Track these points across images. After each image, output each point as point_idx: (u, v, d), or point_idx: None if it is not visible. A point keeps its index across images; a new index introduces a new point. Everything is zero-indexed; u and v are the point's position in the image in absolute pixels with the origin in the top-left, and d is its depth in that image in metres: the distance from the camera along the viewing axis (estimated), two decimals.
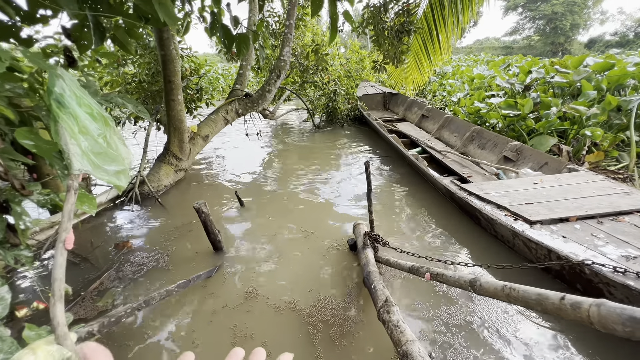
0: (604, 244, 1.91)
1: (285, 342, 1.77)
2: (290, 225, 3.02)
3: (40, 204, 1.28)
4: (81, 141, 1.17)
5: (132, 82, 5.25)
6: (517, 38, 37.47)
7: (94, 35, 1.41)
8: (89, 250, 2.79)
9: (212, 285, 2.27)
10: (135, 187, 3.72)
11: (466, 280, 1.36)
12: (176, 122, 4.06)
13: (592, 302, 0.78)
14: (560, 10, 30.78)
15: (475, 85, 7.37)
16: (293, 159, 5.24)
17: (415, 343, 1.31)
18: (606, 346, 1.60)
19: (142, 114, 1.71)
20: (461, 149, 4.56)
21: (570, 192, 2.53)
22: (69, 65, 1.87)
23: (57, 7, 1.54)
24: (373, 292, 1.75)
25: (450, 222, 2.87)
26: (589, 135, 3.61)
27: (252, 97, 4.99)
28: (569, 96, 4.80)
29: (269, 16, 6.20)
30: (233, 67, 14.56)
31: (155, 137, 5.47)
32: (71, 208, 1.08)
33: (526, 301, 0.98)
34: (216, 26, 2.01)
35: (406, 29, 4.26)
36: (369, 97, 8.21)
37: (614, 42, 30.93)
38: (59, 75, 1.12)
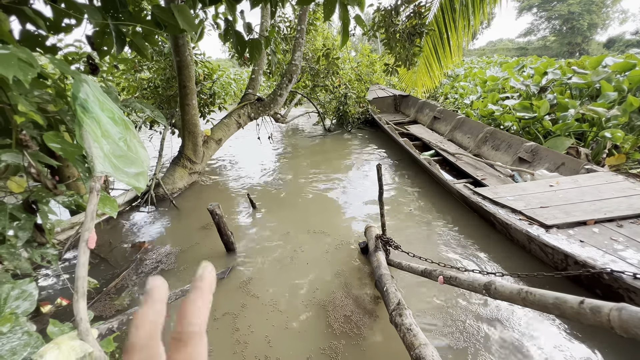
0: (624, 248, 1.85)
1: (298, 342, 1.78)
2: (301, 227, 3.04)
3: (65, 205, 1.34)
4: (103, 144, 1.22)
5: (147, 87, 5.40)
6: (531, 39, 36.69)
7: (116, 43, 1.47)
8: (107, 250, 2.88)
9: (226, 285, 2.30)
10: (151, 189, 3.82)
11: (481, 283, 1.34)
12: (190, 126, 4.15)
13: (612, 306, 0.76)
14: (577, 9, 30.01)
15: (488, 87, 7.26)
16: (304, 162, 5.27)
17: (428, 347, 1.30)
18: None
19: (159, 119, 1.76)
20: (474, 151, 4.50)
21: (588, 194, 2.46)
22: (91, 72, 1.95)
23: (80, 16, 1.61)
24: (385, 295, 1.75)
25: (465, 226, 2.83)
26: (609, 137, 3.50)
27: (264, 101, 5.06)
28: (587, 97, 4.67)
29: (281, 21, 6.29)
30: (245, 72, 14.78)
31: (170, 141, 5.60)
32: (94, 209, 1.13)
33: (544, 305, 0.96)
34: (230, 32, 2.06)
35: (418, 32, 4.25)
36: (380, 100, 8.19)
37: (634, 42, 29.92)
38: (83, 81, 1.18)
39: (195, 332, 0.21)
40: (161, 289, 0.23)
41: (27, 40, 1.63)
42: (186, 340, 0.21)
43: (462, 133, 5.10)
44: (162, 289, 0.23)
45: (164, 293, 0.23)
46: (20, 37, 1.57)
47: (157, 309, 0.22)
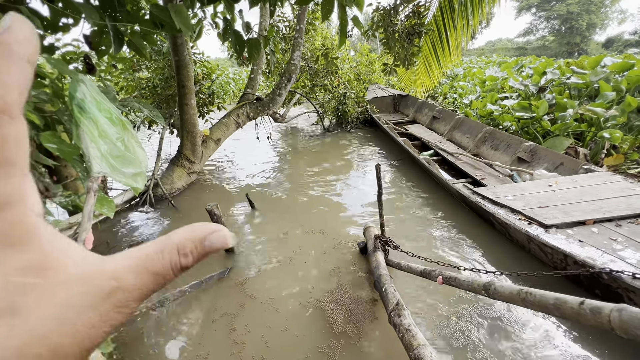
0: (623, 248, 1.85)
1: (296, 342, 1.78)
2: (300, 227, 3.03)
3: (62, 205, 1.33)
4: (101, 145, 1.21)
5: (146, 87, 5.38)
6: (530, 39, 36.75)
7: (114, 43, 1.46)
8: (105, 250, 2.87)
9: (224, 286, 2.29)
10: (149, 189, 3.80)
11: (480, 284, 1.34)
12: (189, 125, 4.14)
13: (612, 307, 0.76)
14: (576, 9, 30.07)
15: (487, 87, 7.26)
16: (303, 162, 5.26)
17: (427, 347, 1.29)
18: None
19: (157, 118, 1.75)
20: (474, 151, 4.50)
21: (587, 194, 2.46)
22: (88, 71, 1.94)
23: (78, 16, 1.60)
24: (384, 296, 1.74)
25: (464, 226, 2.83)
26: (607, 137, 3.50)
27: (263, 101, 5.05)
28: (585, 97, 4.67)
29: (279, 21, 6.28)
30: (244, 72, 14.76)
31: (169, 141, 5.58)
32: (91, 209, 1.12)
33: (544, 306, 0.96)
34: (228, 32, 2.05)
35: (417, 31, 4.24)
36: (379, 100, 8.19)
37: (633, 42, 29.99)
38: (80, 81, 1.17)
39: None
40: (29, 31, 0.16)
41: None
42: None
43: (461, 133, 5.10)
44: (32, 33, 0.16)
45: (34, 39, 0.16)
46: None
47: (19, 57, 0.15)
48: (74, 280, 0.17)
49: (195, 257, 0.19)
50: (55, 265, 0.16)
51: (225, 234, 0.20)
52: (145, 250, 0.19)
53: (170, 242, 0.19)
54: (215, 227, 0.20)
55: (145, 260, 0.18)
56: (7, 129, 0.15)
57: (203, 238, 0.20)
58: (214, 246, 0.20)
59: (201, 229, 0.20)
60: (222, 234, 0.20)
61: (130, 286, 0.17)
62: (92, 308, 0.16)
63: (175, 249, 0.19)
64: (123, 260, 0.18)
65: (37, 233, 0.17)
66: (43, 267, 0.16)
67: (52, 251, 0.17)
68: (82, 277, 0.17)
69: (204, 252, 0.20)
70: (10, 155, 0.15)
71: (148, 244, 0.19)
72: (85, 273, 0.17)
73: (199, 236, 0.20)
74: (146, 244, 0.19)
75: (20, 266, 0.16)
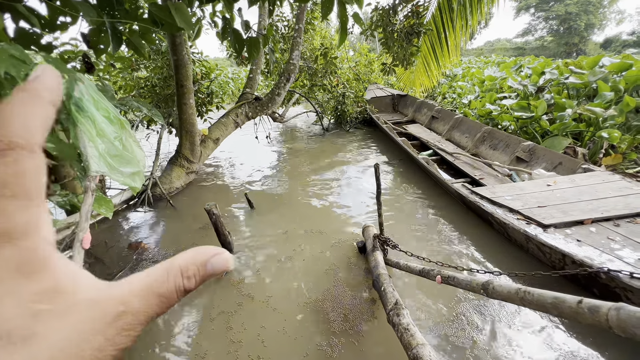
0: (621, 247, 1.86)
1: (295, 342, 1.78)
2: (299, 227, 3.03)
3: (60, 205, 1.32)
4: (98, 144, 1.20)
5: (145, 86, 5.37)
6: (529, 39, 36.83)
7: (112, 41, 1.45)
8: (103, 250, 2.86)
9: (223, 285, 2.29)
10: (147, 189, 3.79)
11: (478, 283, 1.34)
12: (188, 125, 4.13)
13: (610, 305, 0.76)
14: (574, 10, 30.15)
15: (486, 87, 7.27)
16: (302, 161, 5.26)
17: (425, 347, 1.29)
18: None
19: (156, 117, 1.75)
20: (472, 150, 4.50)
21: (585, 194, 2.47)
22: (87, 70, 1.93)
23: (76, 14, 1.60)
24: (383, 295, 1.74)
25: (463, 226, 2.84)
26: (605, 137, 3.51)
27: (262, 101, 5.04)
28: (584, 97, 4.69)
29: (278, 20, 6.28)
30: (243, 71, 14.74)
31: (167, 140, 5.57)
32: (89, 209, 1.11)
33: (542, 305, 0.96)
34: (227, 30, 2.04)
35: (416, 31, 4.24)
36: (378, 100, 8.19)
37: (631, 42, 30.09)
38: (78, 80, 1.16)
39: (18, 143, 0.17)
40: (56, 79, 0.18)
41: (21, 38, 1.61)
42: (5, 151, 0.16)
43: (460, 132, 5.11)
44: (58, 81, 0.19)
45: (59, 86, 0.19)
46: (15, 35, 1.55)
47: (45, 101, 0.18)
48: (82, 305, 0.17)
49: (198, 280, 0.20)
50: (65, 291, 0.18)
51: (226, 257, 0.21)
52: (151, 274, 0.20)
53: (174, 266, 0.20)
54: (216, 251, 0.21)
55: (152, 284, 0.19)
56: (27, 163, 0.17)
57: (205, 261, 0.21)
58: (215, 269, 0.21)
59: (203, 253, 0.21)
60: (223, 257, 0.21)
61: (136, 309, 0.18)
62: (100, 332, 0.17)
63: (179, 272, 0.20)
64: (130, 284, 0.19)
65: (50, 261, 0.18)
66: (55, 294, 0.17)
67: (62, 278, 0.18)
68: (91, 303, 0.18)
69: (206, 275, 0.21)
70: (28, 188, 0.17)
71: (153, 267, 0.20)
72: (93, 298, 0.18)
73: (201, 259, 0.21)
74: (152, 268, 0.20)
75: (36, 293, 0.17)
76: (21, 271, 0.17)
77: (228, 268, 0.21)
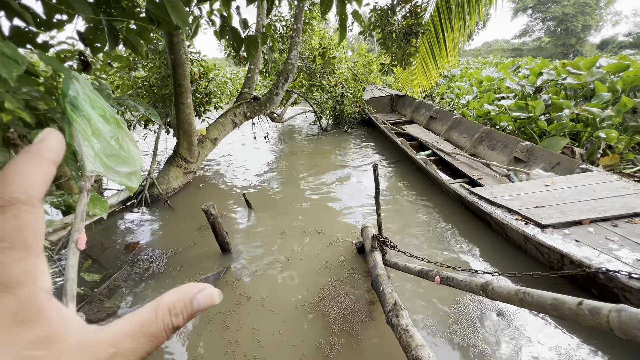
0: (619, 248, 1.86)
1: (292, 342, 1.77)
2: (297, 227, 3.02)
3: (55, 205, 1.30)
4: (94, 143, 1.19)
5: (142, 85, 5.34)
6: (526, 40, 37.01)
7: (109, 39, 1.43)
8: (99, 251, 2.83)
9: (221, 287, 2.27)
10: (145, 189, 3.77)
11: (477, 284, 1.33)
12: (185, 125, 4.11)
13: (611, 307, 0.75)
14: (571, 11, 30.31)
15: (484, 87, 7.30)
16: (300, 162, 5.25)
17: (425, 348, 1.29)
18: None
19: (153, 117, 1.73)
20: (471, 150, 4.51)
21: (583, 194, 2.47)
22: (83, 69, 1.91)
23: (72, 12, 1.58)
24: (381, 296, 1.73)
25: (461, 226, 2.83)
26: (603, 137, 3.52)
27: (260, 101, 5.03)
28: (581, 98, 4.71)
29: (277, 20, 6.26)
30: (241, 71, 14.70)
31: (165, 140, 5.55)
32: (84, 209, 1.10)
33: (541, 306, 0.95)
34: (225, 29, 2.03)
35: (414, 31, 4.25)
36: (376, 100, 8.20)
37: (627, 43, 30.28)
38: (73, 78, 1.15)
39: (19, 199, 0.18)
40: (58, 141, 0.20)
41: (17, 37, 1.59)
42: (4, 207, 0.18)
43: (458, 133, 5.11)
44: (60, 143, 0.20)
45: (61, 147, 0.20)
46: (10, 33, 1.53)
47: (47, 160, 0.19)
48: (73, 350, 0.18)
49: (185, 317, 0.21)
50: (59, 337, 0.18)
51: (212, 292, 0.22)
52: (140, 314, 0.20)
53: (162, 304, 0.21)
54: (201, 287, 0.22)
55: (141, 325, 0.20)
56: (26, 217, 0.18)
57: (191, 298, 0.21)
58: (201, 305, 0.22)
59: (189, 290, 0.22)
60: (207, 293, 0.22)
61: (127, 350, 0.19)
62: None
63: (167, 310, 0.21)
64: (120, 326, 0.20)
65: (45, 310, 0.18)
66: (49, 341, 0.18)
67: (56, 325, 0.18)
68: (81, 347, 0.18)
69: (192, 312, 0.21)
70: (27, 240, 0.18)
71: (142, 308, 0.21)
72: (84, 343, 0.19)
73: (188, 296, 0.21)
74: (141, 309, 0.21)
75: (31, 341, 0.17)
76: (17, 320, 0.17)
77: (214, 303, 0.22)
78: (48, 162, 0.20)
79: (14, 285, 0.17)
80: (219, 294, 0.23)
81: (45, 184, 0.19)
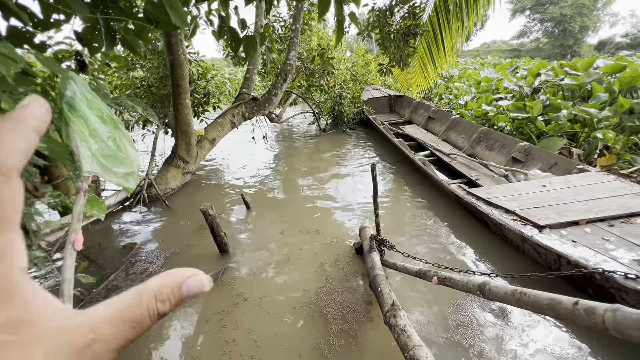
0: (615, 248, 1.87)
1: (291, 342, 1.76)
2: (295, 227, 3.02)
3: (51, 206, 1.30)
4: (91, 144, 1.18)
5: (140, 86, 5.33)
6: (524, 41, 37.14)
7: (106, 39, 1.43)
8: (97, 251, 2.82)
9: (219, 287, 2.27)
10: (143, 189, 3.76)
11: (475, 284, 1.34)
12: (184, 125, 4.10)
13: (607, 307, 0.76)
14: (569, 12, 30.45)
15: (482, 88, 7.32)
16: (299, 162, 5.25)
17: (422, 348, 1.29)
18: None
19: (151, 117, 1.72)
20: (469, 151, 4.52)
21: (580, 194, 2.48)
22: (80, 69, 1.90)
23: (69, 11, 1.57)
24: (379, 296, 1.74)
25: (459, 226, 2.84)
26: (600, 138, 3.54)
27: (259, 101, 5.02)
28: (579, 99, 4.73)
29: (275, 21, 6.27)
30: (239, 72, 14.69)
31: (163, 141, 5.53)
32: (81, 210, 1.09)
33: (538, 306, 0.96)
34: (224, 29, 2.03)
35: (412, 32, 4.26)
36: (375, 101, 8.20)
37: (624, 44, 30.43)
38: (70, 79, 1.14)
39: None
40: (44, 109, 0.19)
41: (14, 37, 1.58)
42: None
43: (457, 133, 5.12)
44: (45, 110, 0.19)
45: (45, 115, 0.19)
46: (7, 33, 1.52)
47: (28, 127, 0.18)
48: (50, 335, 0.17)
49: (172, 303, 0.20)
50: (33, 321, 0.17)
51: (202, 277, 0.21)
52: (122, 299, 0.19)
53: (147, 289, 0.19)
54: (192, 272, 0.21)
55: (122, 310, 0.18)
56: (3, 189, 0.17)
57: (180, 283, 0.20)
58: (191, 291, 0.20)
59: (178, 275, 0.20)
60: (198, 278, 0.20)
61: (106, 336, 0.17)
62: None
63: (152, 295, 0.19)
64: (100, 311, 0.18)
65: (20, 289, 0.17)
66: (22, 324, 0.16)
67: (31, 307, 0.17)
68: (58, 332, 0.17)
69: (181, 298, 0.20)
70: (4, 213, 0.17)
71: (126, 292, 0.19)
72: (61, 327, 0.17)
73: (176, 282, 0.20)
74: (124, 293, 0.19)
75: (2, 324, 0.16)
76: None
77: (204, 289, 0.21)
78: (30, 130, 0.18)
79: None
80: (209, 280, 0.21)
81: (26, 153, 0.18)
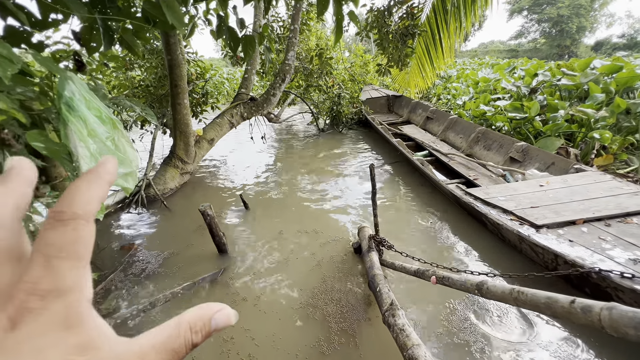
0: (612, 247, 1.88)
1: (289, 342, 1.77)
2: (294, 227, 3.02)
3: (50, 206, 1.30)
4: (90, 144, 1.18)
5: (139, 86, 5.32)
6: (522, 41, 37.28)
7: (104, 39, 1.43)
8: (94, 252, 2.81)
9: (218, 287, 2.27)
10: (141, 190, 3.75)
11: (473, 283, 1.35)
12: (182, 125, 4.10)
13: (603, 305, 0.77)
14: (566, 13, 30.58)
15: (480, 88, 7.34)
16: (297, 162, 5.25)
17: (421, 347, 1.30)
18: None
19: (149, 117, 1.72)
20: (467, 151, 4.54)
21: (577, 194, 2.50)
22: (77, 69, 1.90)
23: (67, 11, 1.57)
24: (378, 296, 1.74)
25: (457, 226, 2.85)
26: (597, 138, 3.56)
27: (257, 101, 5.02)
28: (576, 99, 4.75)
29: (274, 21, 6.26)
30: (238, 72, 14.67)
31: (162, 141, 5.52)
32: None
33: (535, 305, 0.96)
34: (222, 29, 2.03)
35: (410, 32, 4.26)
36: (373, 101, 8.21)
37: (621, 45, 30.60)
38: (68, 79, 1.14)
39: (78, 214, 0.20)
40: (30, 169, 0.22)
41: (11, 37, 1.58)
42: (66, 220, 0.19)
43: (455, 133, 5.14)
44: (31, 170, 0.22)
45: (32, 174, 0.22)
46: (4, 33, 1.52)
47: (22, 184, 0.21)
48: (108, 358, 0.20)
49: (204, 335, 0.23)
50: (96, 345, 0.20)
51: (229, 312, 0.24)
52: (165, 330, 0.22)
53: (184, 321, 0.22)
54: (220, 307, 0.24)
55: (166, 340, 0.21)
56: (83, 231, 0.20)
57: (210, 317, 0.23)
58: (219, 325, 0.23)
59: (208, 308, 0.23)
60: (224, 313, 0.23)
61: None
62: None
63: (188, 327, 0.22)
64: (147, 339, 0.21)
65: (87, 317, 0.20)
66: (88, 348, 0.19)
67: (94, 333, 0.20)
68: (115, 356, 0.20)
69: (210, 331, 0.23)
70: (80, 251, 0.20)
71: (165, 323, 0.22)
72: (117, 352, 0.20)
73: (207, 315, 0.23)
74: (164, 324, 0.22)
75: (74, 346, 0.19)
76: (65, 325, 0.19)
77: (230, 323, 0.24)
78: (105, 183, 0.22)
79: (65, 292, 0.19)
80: (235, 315, 0.24)
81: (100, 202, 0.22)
